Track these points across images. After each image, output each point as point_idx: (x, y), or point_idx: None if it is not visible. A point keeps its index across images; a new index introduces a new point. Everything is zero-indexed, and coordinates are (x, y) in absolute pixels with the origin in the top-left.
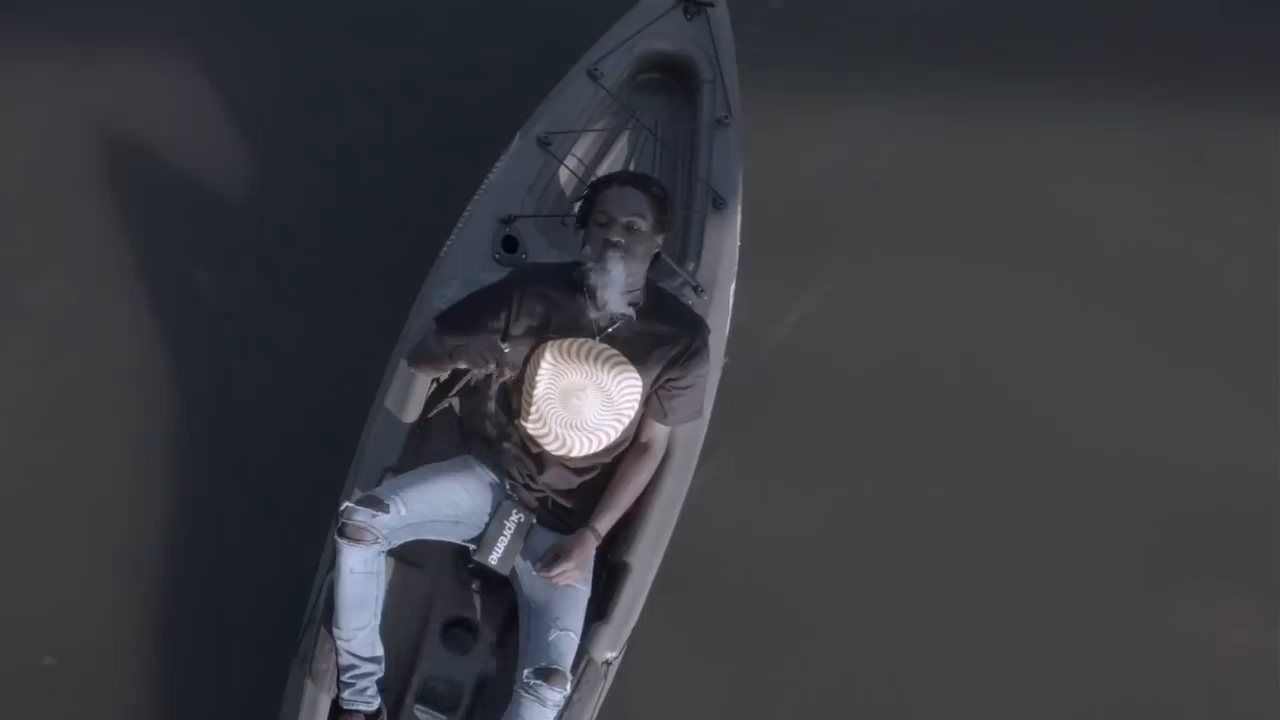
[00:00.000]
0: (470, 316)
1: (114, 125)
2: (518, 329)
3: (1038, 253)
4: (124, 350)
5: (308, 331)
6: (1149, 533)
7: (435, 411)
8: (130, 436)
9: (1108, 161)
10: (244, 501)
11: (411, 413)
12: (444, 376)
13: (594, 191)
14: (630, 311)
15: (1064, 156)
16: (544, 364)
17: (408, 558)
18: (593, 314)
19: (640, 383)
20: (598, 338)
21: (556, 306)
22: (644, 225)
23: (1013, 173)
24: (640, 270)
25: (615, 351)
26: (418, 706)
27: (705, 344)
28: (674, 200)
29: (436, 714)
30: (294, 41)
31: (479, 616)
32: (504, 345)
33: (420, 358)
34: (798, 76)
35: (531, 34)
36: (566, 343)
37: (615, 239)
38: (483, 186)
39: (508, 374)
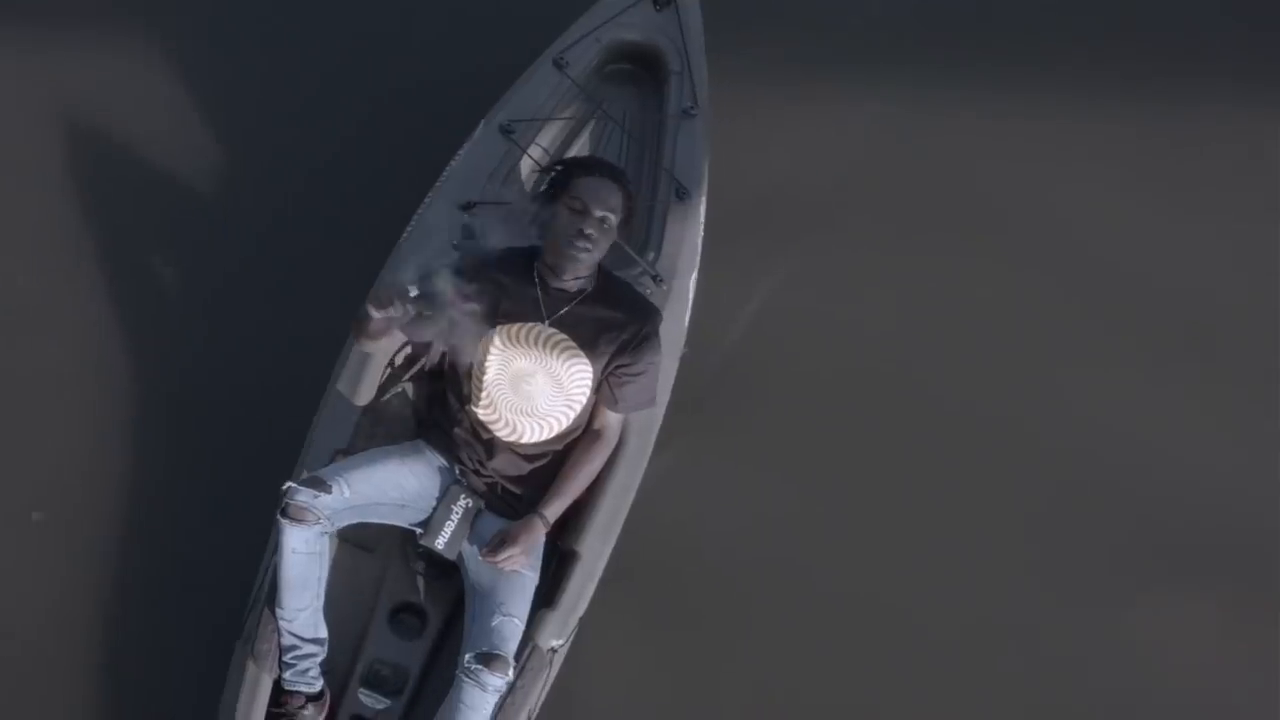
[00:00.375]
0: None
1: (79, 115)
2: (466, 309)
3: (1007, 248)
4: (81, 338)
5: (266, 320)
6: (1114, 533)
7: (389, 396)
8: (86, 421)
9: (1083, 157)
10: (199, 486)
11: (364, 396)
12: (385, 345)
13: (570, 172)
14: None
15: (1039, 152)
16: (493, 349)
17: (358, 541)
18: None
19: (590, 369)
20: (547, 322)
21: (506, 291)
22: (614, 222)
23: (985, 168)
24: (597, 260)
25: (565, 337)
26: (362, 690)
27: (656, 330)
28: (638, 199)
29: (381, 698)
30: (262, 32)
31: (428, 602)
32: (411, 289)
33: (356, 327)
34: (765, 68)
35: (510, 29)
36: (515, 327)
37: (589, 231)
38: (444, 173)
39: (412, 311)
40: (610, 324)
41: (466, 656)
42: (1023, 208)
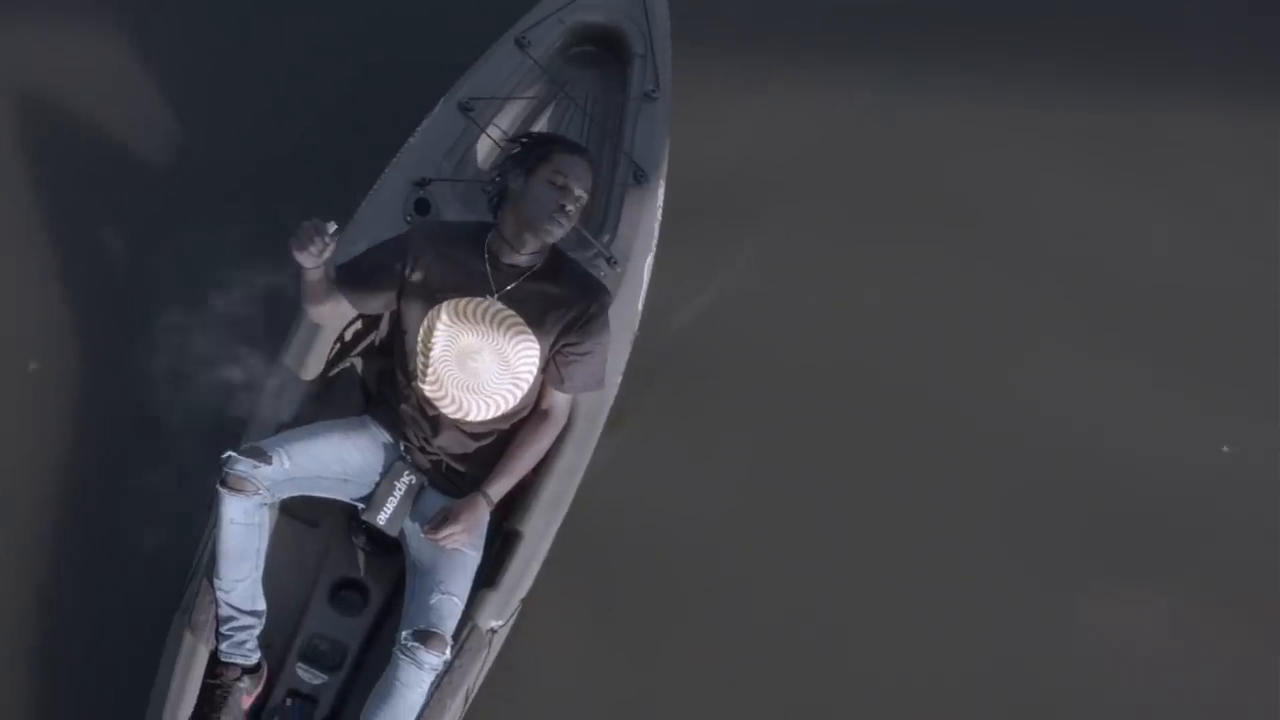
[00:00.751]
0: (366, 267)
1: (36, 87)
2: (414, 281)
3: (972, 236)
4: (26, 312)
5: (221, 294)
6: (1066, 525)
7: (336, 371)
8: (28, 391)
9: (1052, 145)
10: (144, 457)
11: (311, 370)
12: (335, 315)
13: (551, 147)
14: None
15: (1006, 138)
16: (440, 324)
17: (303, 516)
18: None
19: (537, 347)
20: (495, 297)
21: (455, 265)
22: (586, 199)
23: (951, 155)
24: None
25: (512, 313)
26: (300, 664)
27: (604, 310)
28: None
29: (318, 673)
30: (226, 9)
31: (369, 578)
32: (330, 224)
33: (304, 298)
34: (725, 51)
35: (477, 8)
36: (463, 302)
37: (570, 208)
38: (402, 149)
39: (332, 245)
40: (558, 301)
41: (404, 634)
42: (989, 195)
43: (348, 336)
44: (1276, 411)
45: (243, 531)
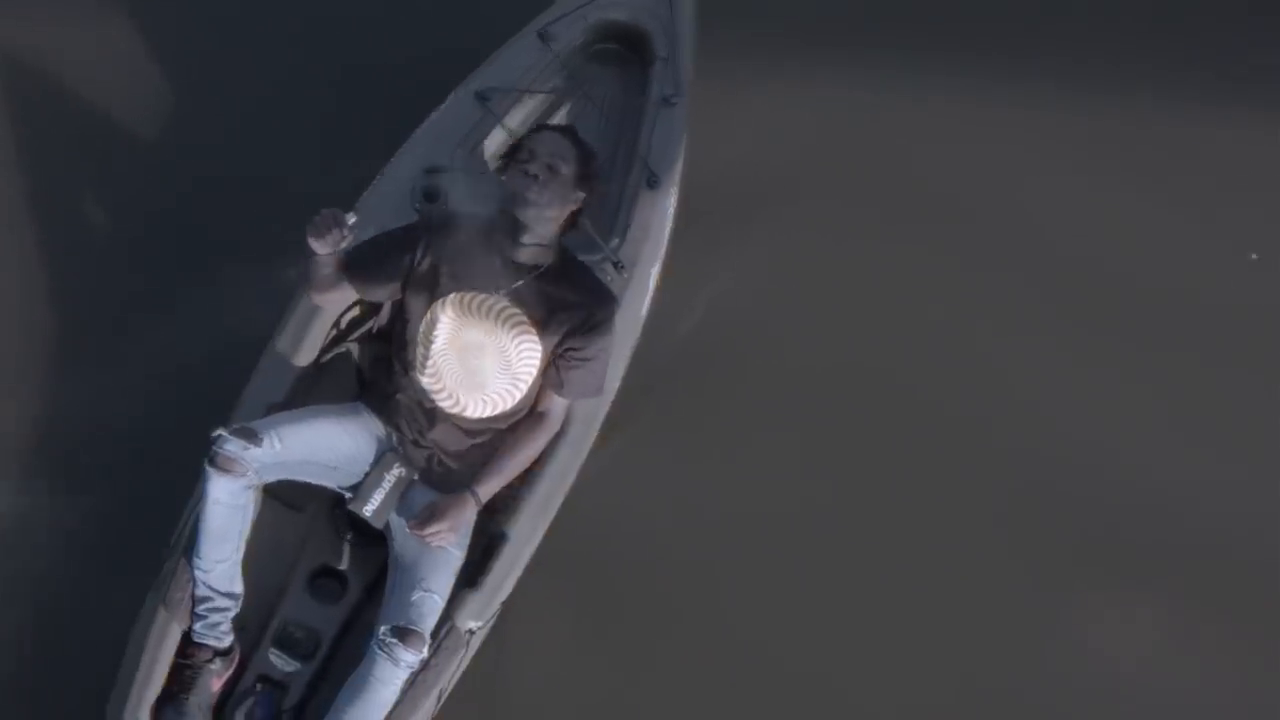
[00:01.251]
0: (375, 255)
1: (20, 78)
2: (421, 272)
3: (978, 240)
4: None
5: (226, 275)
6: (1066, 528)
7: (331, 356)
8: (14, 365)
9: (1055, 147)
10: (128, 432)
11: (306, 355)
12: (337, 300)
13: (525, 137)
14: None
15: (1013, 139)
16: (444, 317)
17: (288, 499)
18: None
19: (539, 349)
20: (502, 292)
21: (465, 258)
22: (565, 170)
23: (956, 159)
24: (552, 219)
25: (517, 312)
26: (273, 650)
27: (610, 317)
28: (600, 165)
29: (291, 660)
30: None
31: (350, 569)
32: (350, 216)
33: (310, 282)
34: (726, 50)
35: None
36: (469, 296)
37: (534, 172)
38: (414, 134)
39: (349, 236)
40: (564, 304)
41: (382, 629)
42: (992, 196)
43: (344, 322)
44: (1276, 414)
45: (226, 512)
